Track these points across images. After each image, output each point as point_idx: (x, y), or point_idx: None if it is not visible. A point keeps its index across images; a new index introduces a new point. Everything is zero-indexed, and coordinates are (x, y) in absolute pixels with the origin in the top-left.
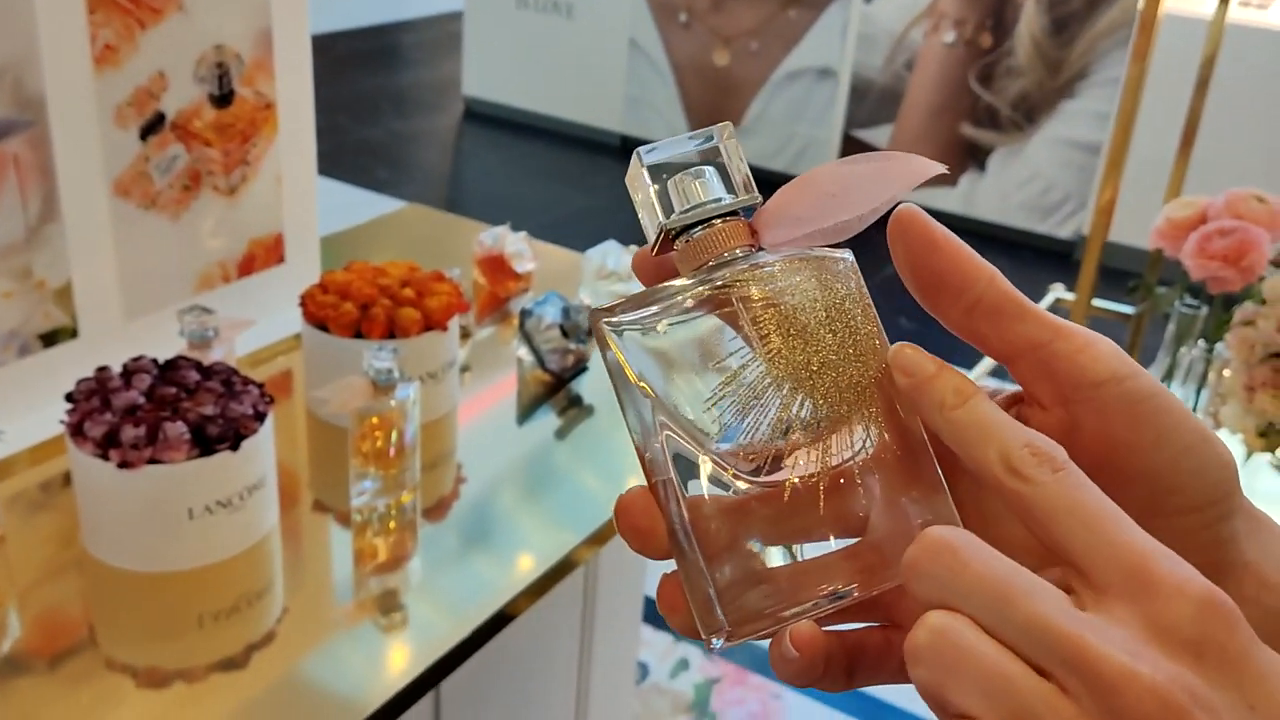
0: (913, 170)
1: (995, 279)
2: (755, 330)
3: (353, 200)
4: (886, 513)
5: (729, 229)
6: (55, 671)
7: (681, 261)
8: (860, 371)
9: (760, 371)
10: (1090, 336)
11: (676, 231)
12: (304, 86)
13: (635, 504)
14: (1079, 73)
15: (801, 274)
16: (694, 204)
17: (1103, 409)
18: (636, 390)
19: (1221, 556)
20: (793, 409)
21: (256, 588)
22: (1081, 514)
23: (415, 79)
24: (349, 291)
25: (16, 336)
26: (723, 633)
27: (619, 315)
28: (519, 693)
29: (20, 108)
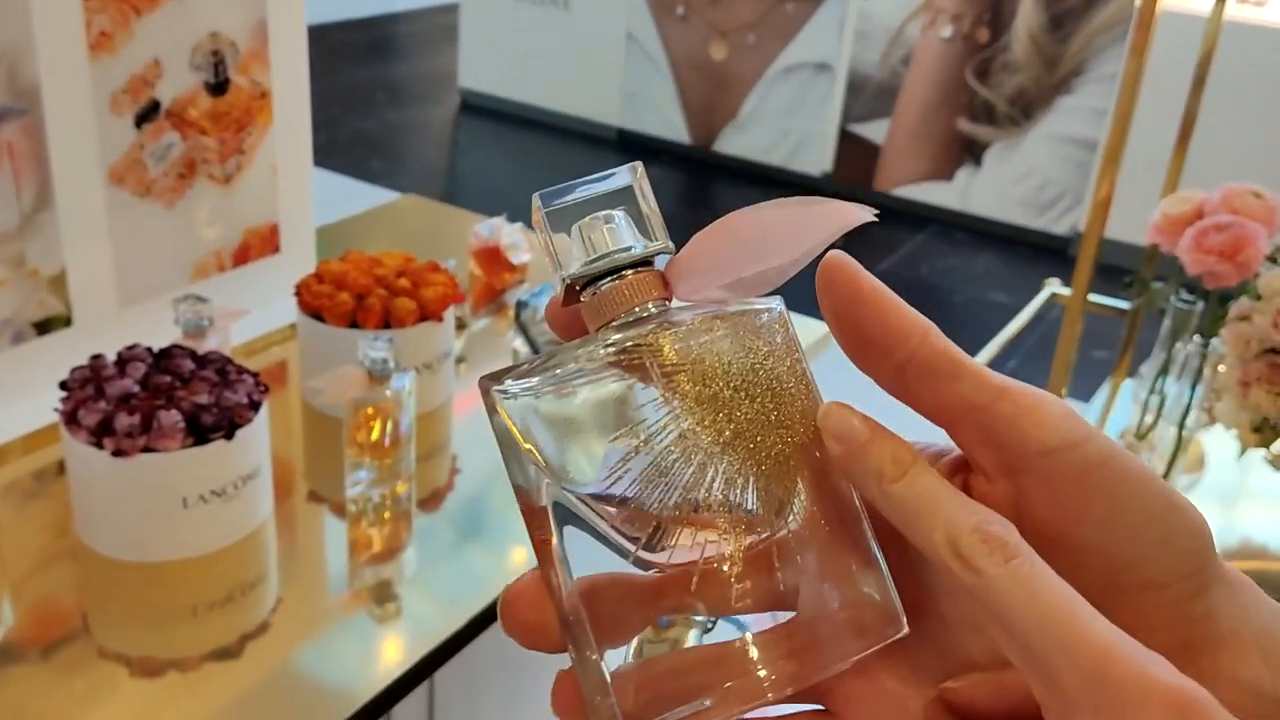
0: (838, 217)
1: (929, 335)
2: (666, 397)
3: (347, 192)
4: (815, 591)
5: (639, 281)
6: (48, 660)
7: (589, 316)
8: (783, 438)
9: (669, 442)
10: (1038, 398)
11: (584, 282)
12: (299, 76)
13: (524, 593)
14: (1075, 69)
15: (716, 333)
16: (600, 253)
17: (1052, 478)
18: (526, 459)
19: (1195, 634)
20: (704, 483)
21: (251, 578)
22: (1037, 611)
23: (410, 71)
24: (345, 281)
25: (10, 325)
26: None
27: (509, 381)
28: (512, 684)
29: (15, 95)
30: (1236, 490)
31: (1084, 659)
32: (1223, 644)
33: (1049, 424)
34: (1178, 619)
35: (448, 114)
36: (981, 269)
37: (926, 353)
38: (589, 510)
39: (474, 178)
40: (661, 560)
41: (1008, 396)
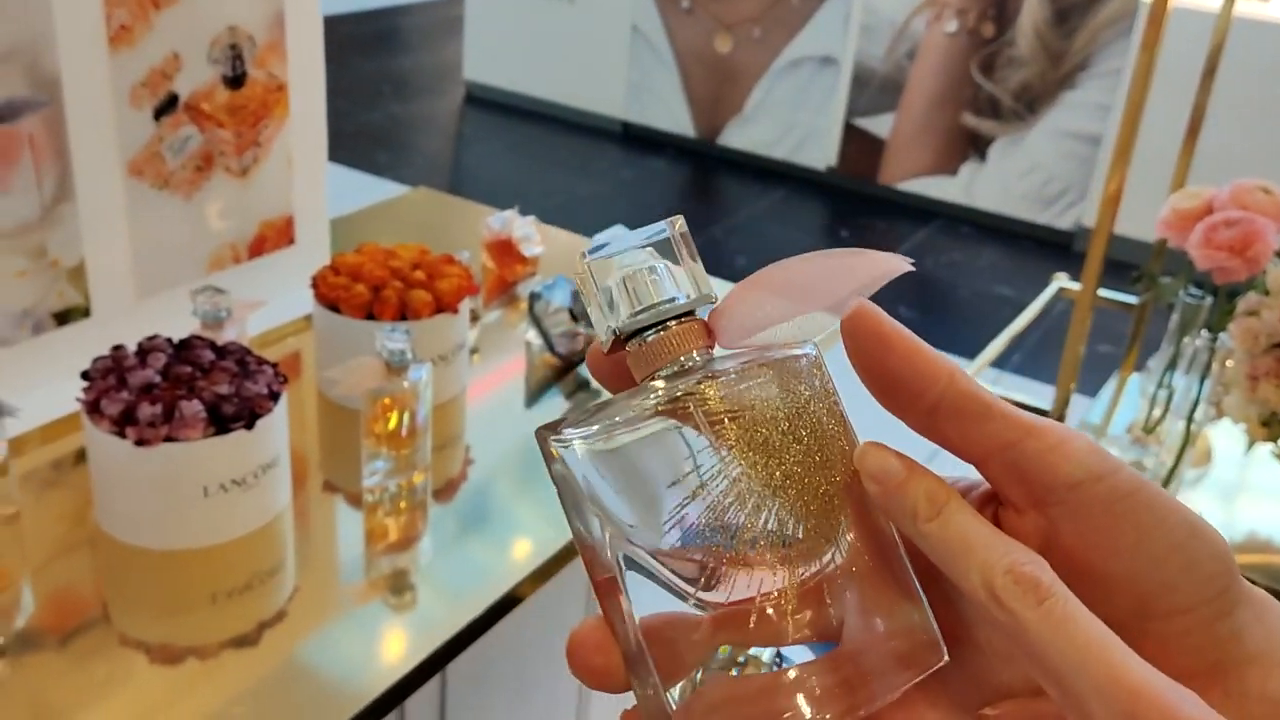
0: (878, 268)
1: (955, 378)
2: (716, 444)
3: (354, 184)
4: (859, 624)
5: (684, 332)
6: (68, 648)
7: (635, 365)
8: (827, 478)
9: (723, 488)
10: (1063, 434)
11: (629, 334)
12: (315, 68)
13: (589, 640)
14: (1080, 64)
15: (762, 380)
16: (645, 305)
17: (1079, 511)
18: (587, 507)
19: (1222, 655)
20: (757, 524)
21: (268, 566)
22: (1070, 651)
23: (416, 63)
24: (360, 273)
25: (30, 315)
26: None
27: (566, 430)
28: (524, 676)
29: (35, 87)
30: (1244, 484)
31: (1115, 699)
32: (1251, 663)
33: (1076, 458)
34: (1205, 641)
35: (453, 107)
36: (986, 263)
37: (955, 395)
38: (647, 556)
39: (479, 170)
40: (719, 600)
41: (1035, 433)
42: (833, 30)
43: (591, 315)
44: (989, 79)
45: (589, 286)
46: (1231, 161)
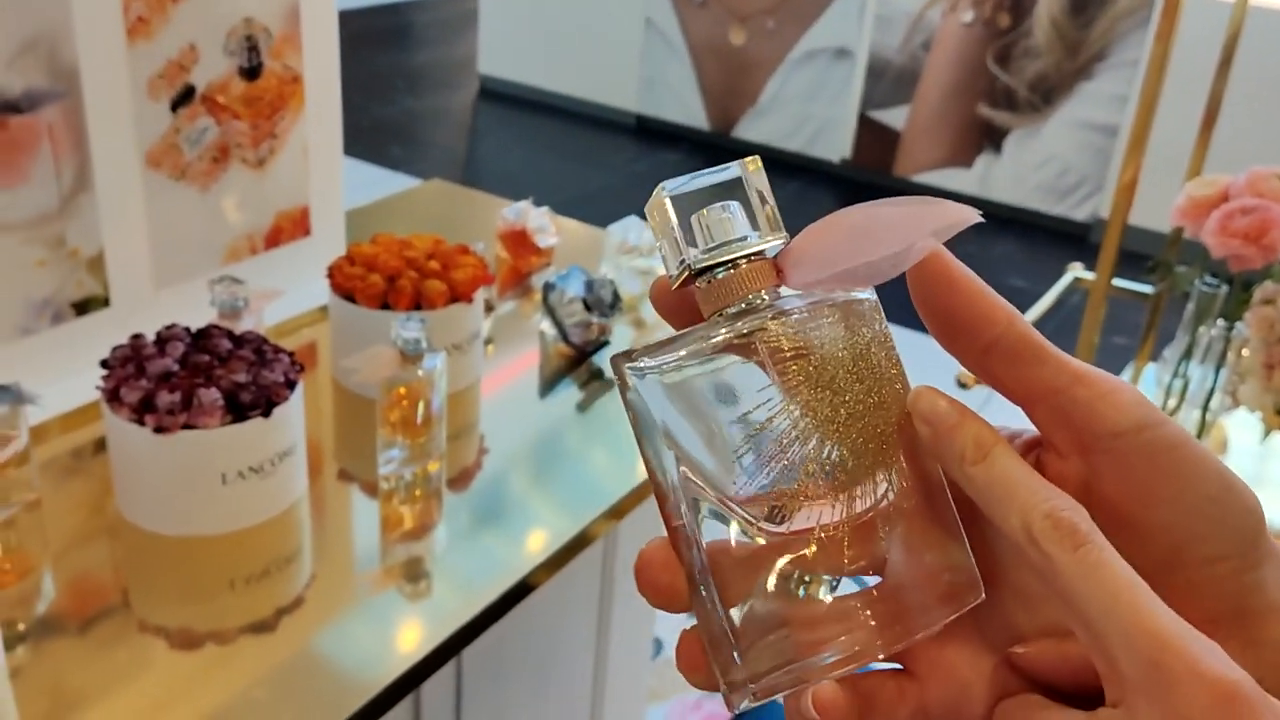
0: (946, 216)
1: (1014, 321)
2: (782, 381)
3: (368, 178)
4: (905, 560)
5: (754, 271)
6: (89, 633)
7: (703, 301)
8: (884, 419)
9: (788, 423)
10: (1113, 384)
11: (699, 270)
12: (330, 60)
13: (655, 558)
14: (1097, 54)
15: (828, 321)
16: (718, 243)
17: (1122, 459)
18: (658, 436)
19: (1246, 603)
20: (819, 459)
21: (286, 553)
22: (1100, 597)
23: (430, 57)
24: (376, 264)
25: (50, 305)
26: (745, 688)
27: (640, 359)
28: (538, 664)
29: (54, 78)
30: (1260, 473)
31: (1142, 646)
32: (1271, 612)
33: (1124, 408)
34: (1231, 590)
35: (467, 100)
36: (1000, 255)
37: (1011, 338)
38: (712, 485)
39: (493, 164)
40: (780, 530)
41: (1085, 381)
42: (847, 22)
43: (662, 249)
44: (1005, 70)
45: (663, 220)
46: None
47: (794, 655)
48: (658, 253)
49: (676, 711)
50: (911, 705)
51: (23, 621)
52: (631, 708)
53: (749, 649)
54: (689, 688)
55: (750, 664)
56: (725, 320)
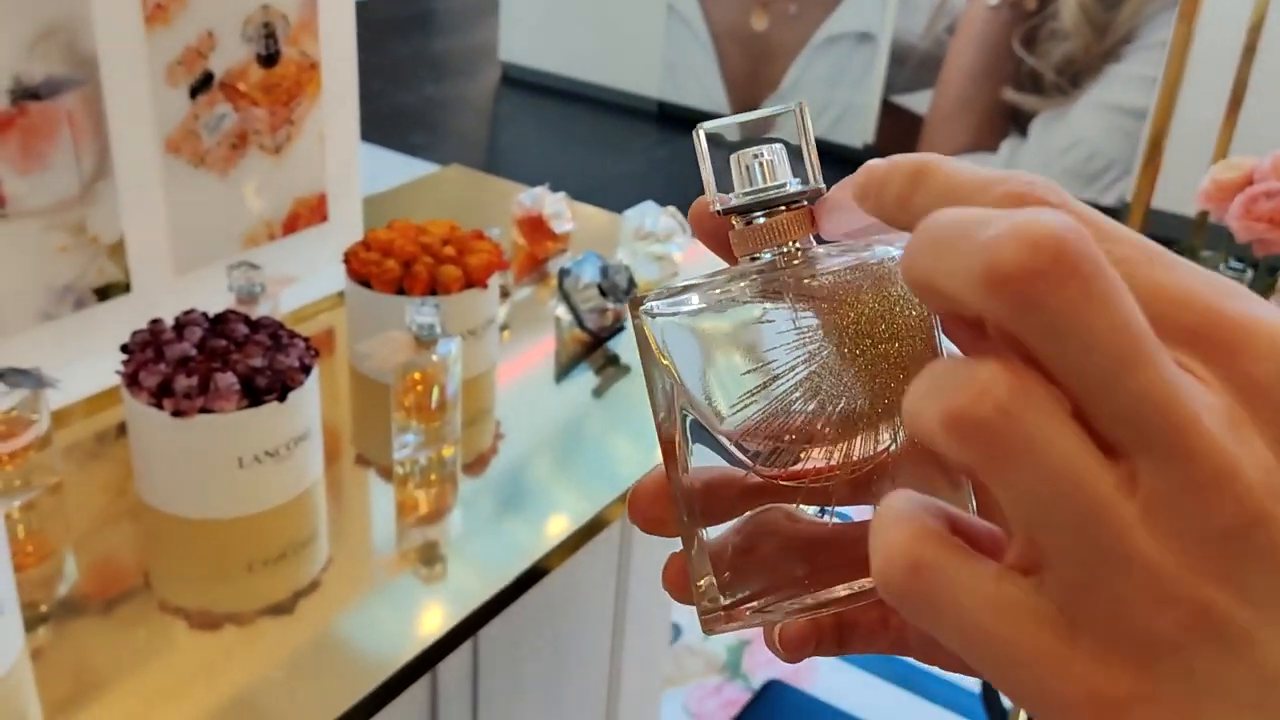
0: None
1: None
2: (804, 331)
3: (389, 165)
4: None
5: (790, 219)
6: (110, 614)
7: (737, 243)
8: (901, 380)
9: (803, 375)
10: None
11: (735, 212)
12: (347, 47)
13: (648, 491)
14: (1125, 36)
15: (857, 274)
16: (756, 187)
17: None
18: (662, 371)
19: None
20: (829, 410)
21: (302, 536)
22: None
23: (451, 44)
24: (391, 249)
25: (72, 290)
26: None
27: (656, 302)
28: (555, 648)
29: (73, 66)
30: None
31: (1191, 300)
32: None
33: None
34: None
35: (488, 87)
36: None
37: None
38: (713, 428)
39: (514, 151)
40: (776, 472)
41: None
42: (870, 6)
43: (706, 184)
44: (1031, 53)
45: (702, 158)
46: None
47: (770, 588)
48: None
49: (694, 696)
50: (892, 636)
51: (45, 603)
52: (648, 692)
53: (730, 578)
54: (707, 673)
55: (730, 592)
56: (755, 267)
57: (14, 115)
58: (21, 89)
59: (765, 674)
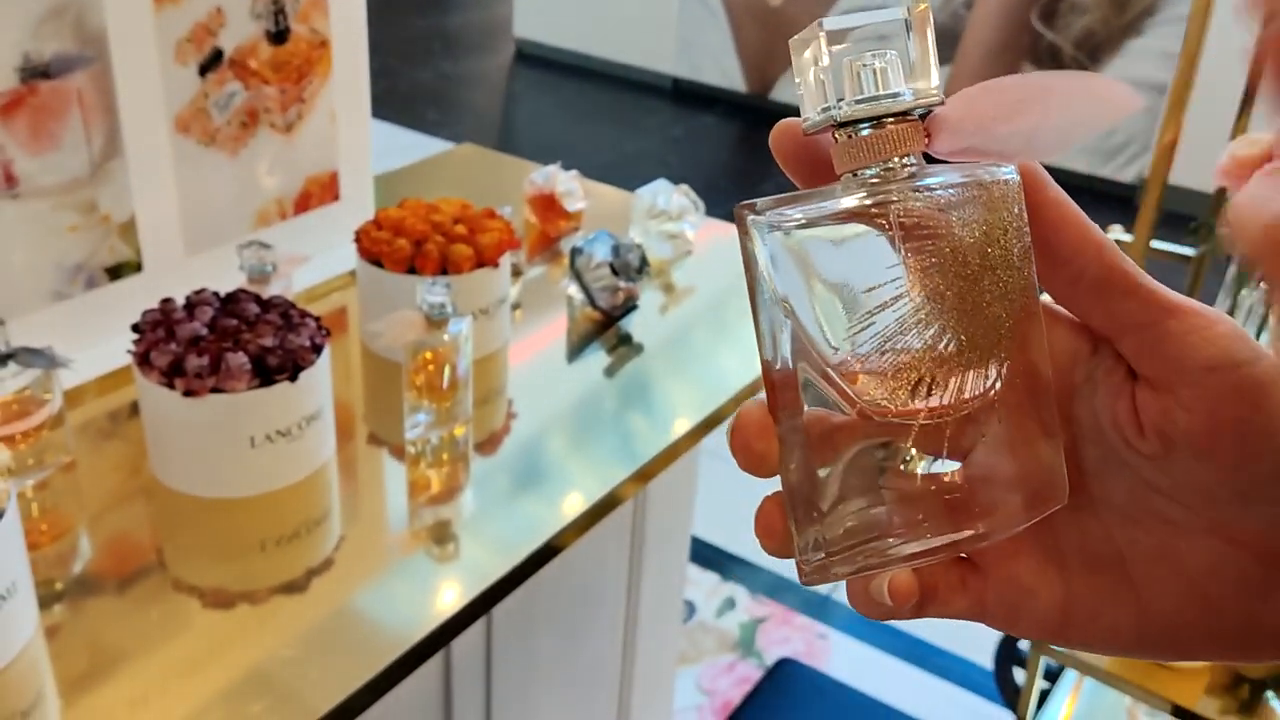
0: (1118, 97)
1: (1104, 250)
2: (913, 260)
3: (403, 143)
4: (998, 453)
5: (901, 132)
6: (125, 593)
7: (839, 157)
8: (1007, 309)
9: (912, 306)
10: (1209, 317)
11: (841, 122)
12: (358, 24)
13: (751, 422)
14: (1146, 9)
15: (969, 200)
16: (868, 96)
17: (1212, 394)
18: (772, 298)
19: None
20: (938, 346)
21: (315, 515)
22: None
23: (466, 21)
24: (403, 228)
25: (83, 270)
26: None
27: (766, 212)
28: (568, 626)
29: (82, 44)
30: None
31: None
32: None
33: (1218, 343)
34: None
35: (503, 64)
36: None
37: (1099, 268)
38: (821, 354)
39: (529, 128)
40: (888, 411)
41: (1179, 313)
42: None
43: (804, 93)
44: (1049, 27)
45: (812, 58)
46: None
47: (875, 534)
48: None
49: (708, 675)
50: (971, 598)
51: (60, 581)
52: (662, 670)
53: (830, 517)
54: (720, 651)
55: (830, 530)
56: (860, 184)
57: (24, 94)
58: (31, 67)
59: (778, 652)
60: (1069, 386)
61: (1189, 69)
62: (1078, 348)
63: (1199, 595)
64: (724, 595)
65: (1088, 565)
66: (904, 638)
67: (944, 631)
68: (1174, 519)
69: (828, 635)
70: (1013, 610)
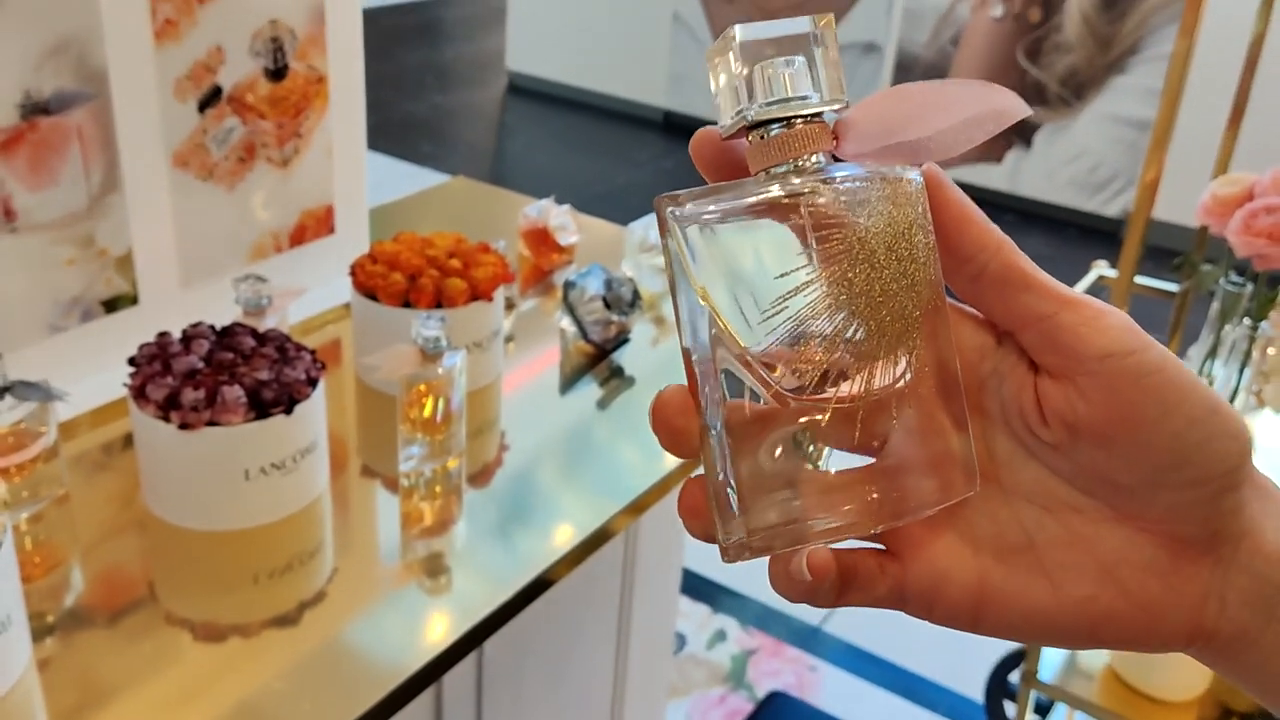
0: (1004, 103)
1: (1003, 247)
2: (822, 249)
3: (397, 174)
4: (909, 442)
5: (810, 132)
6: (117, 625)
7: (753, 157)
8: (914, 301)
9: (821, 292)
10: (1099, 308)
11: (753, 123)
12: (355, 60)
13: (672, 401)
14: (1130, 48)
15: (875, 194)
16: (778, 98)
17: (1109, 382)
18: (691, 285)
19: (1222, 526)
20: (846, 333)
21: (308, 548)
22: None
23: (459, 53)
24: (397, 262)
25: (80, 303)
26: (739, 542)
27: (686, 205)
28: (559, 658)
29: (83, 80)
30: None
31: None
32: (1245, 536)
33: (1109, 332)
34: (1210, 512)
35: (496, 96)
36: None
37: (999, 265)
38: (736, 341)
39: (522, 160)
40: (797, 396)
41: (1073, 306)
42: (875, 16)
43: (720, 98)
44: (1035, 65)
45: (725, 65)
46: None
47: (794, 516)
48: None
49: (699, 708)
50: (890, 583)
51: (51, 614)
52: (652, 703)
53: (751, 502)
54: (711, 684)
55: (751, 517)
56: (772, 179)
57: (24, 130)
58: (31, 104)
59: (769, 684)
60: (977, 379)
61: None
62: (983, 342)
63: (1111, 581)
64: (714, 627)
65: (1001, 551)
66: (894, 670)
67: (934, 664)
68: (1081, 507)
69: (818, 668)
70: (929, 594)
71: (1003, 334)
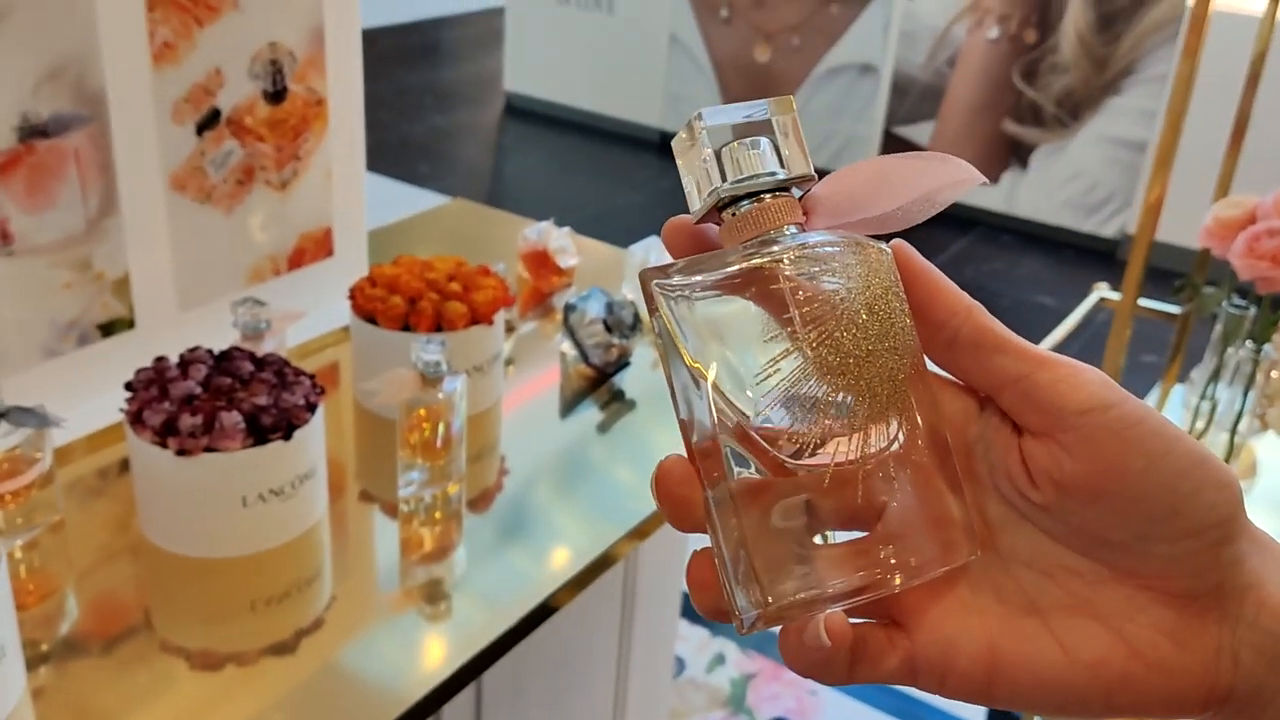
0: (959, 174)
1: (973, 312)
2: (807, 311)
3: (395, 195)
4: (908, 508)
5: (780, 204)
6: (111, 653)
7: (726, 234)
8: (898, 364)
9: (810, 354)
10: (1074, 366)
11: (724, 202)
12: (354, 83)
13: (674, 472)
14: (1125, 69)
15: (853, 258)
16: (747, 175)
17: (1091, 436)
18: (683, 359)
19: (1223, 579)
20: (837, 395)
21: (306, 575)
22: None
23: (457, 74)
24: (397, 285)
25: (76, 326)
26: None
27: (673, 277)
28: (559, 684)
29: (81, 103)
30: None
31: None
32: (1249, 589)
33: (1086, 388)
34: (1209, 564)
35: (493, 117)
36: (1027, 272)
37: (971, 329)
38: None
39: (519, 180)
40: (797, 463)
41: (1047, 365)
42: (872, 38)
43: (686, 181)
44: (1031, 85)
45: (693, 148)
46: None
47: (810, 582)
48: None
49: None
50: (900, 655)
51: (46, 642)
52: None
53: (765, 571)
54: (710, 707)
55: (768, 587)
56: (750, 251)
57: (21, 153)
58: (29, 126)
59: (769, 709)
60: (964, 445)
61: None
62: (966, 407)
63: (1121, 642)
64: (714, 651)
65: (1007, 617)
66: (895, 695)
67: None
68: (1079, 569)
69: (819, 691)
70: (940, 664)
71: (984, 399)
